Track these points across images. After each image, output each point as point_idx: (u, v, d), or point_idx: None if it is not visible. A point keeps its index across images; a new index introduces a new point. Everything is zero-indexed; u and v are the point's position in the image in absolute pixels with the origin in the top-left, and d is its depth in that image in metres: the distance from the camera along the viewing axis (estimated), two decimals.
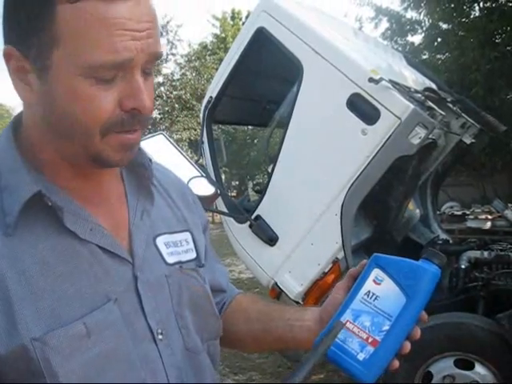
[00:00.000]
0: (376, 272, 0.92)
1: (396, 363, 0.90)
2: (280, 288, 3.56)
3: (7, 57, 0.78)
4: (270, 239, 3.57)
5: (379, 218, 3.88)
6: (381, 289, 0.90)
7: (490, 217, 5.81)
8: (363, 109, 3.14)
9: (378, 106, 3.09)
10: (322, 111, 3.37)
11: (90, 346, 0.78)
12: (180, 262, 0.97)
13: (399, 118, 3.03)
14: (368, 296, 0.91)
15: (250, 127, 17.05)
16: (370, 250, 3.76)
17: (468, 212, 11.40)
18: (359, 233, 3.69)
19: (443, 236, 4.73)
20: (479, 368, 3.17)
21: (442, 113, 3.48)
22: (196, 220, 1.09)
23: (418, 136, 3.03)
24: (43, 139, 0.84)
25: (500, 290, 3.61)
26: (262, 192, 3.79)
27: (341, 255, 3.36)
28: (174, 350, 0.89)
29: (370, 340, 0.87)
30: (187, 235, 1.03)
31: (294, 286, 3.50)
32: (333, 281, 3.42)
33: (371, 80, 3.05)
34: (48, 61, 0.76)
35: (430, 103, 3.43)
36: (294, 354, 3.69)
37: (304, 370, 0.81)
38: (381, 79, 3.04)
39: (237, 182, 20.45)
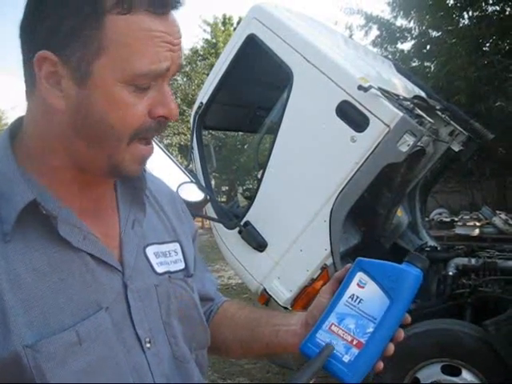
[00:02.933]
0: (360, 275, 0.94)
1: (380, 365, 0.92)
2: (269, 294, 3.56)
3: (40, 61, 0.78)
4: (259, 245, 3.58)
5: (368, 224, 3.90)
6: (364, 292, 0.92)
7: (478, 224, 5.85)
8: (352, 116, 3.16)
9: (367, 114, 3.11)
10: (311, 118, 3.39)
11: (82, 354, 0.79)
12: (169, 272, 0.98)
13: (388, 126, 3.06)
14: (352, 299, 0.93)
15: (239, 133, 17.09)
16: (358, 256, 3.77)
17: (456, 219, 11.47)
18: (348, 239, 3.70)
19: (431, 243, 4.76)
20: (466, 374, 3.19)
21: (431, 120, 3.51)
22: (185, 229, 1.10)
23: (406, 143, 3.06)
24: (56, 148, 0.85)
25: (487, 297, 3.64)
26: (251, 198, 3.80)
27: (329, 261, 3.37)
28: (162, 358, 0.90)
29: (354, 342, 0.89)
30: (176, 246, 1.04)
31: (283, 292, 3.51)
32: (321, 287, 3.42)
33: (360, 88, 3.07)
34: (90, 68, 0.78)
35: (419, 111, 3.45)
36: (282, 360, 3.70)
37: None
38: (370, 87, 3.06)
39: (226, 188, 20.45)
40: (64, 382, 0.76)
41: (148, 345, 0.88)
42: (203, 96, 4.04)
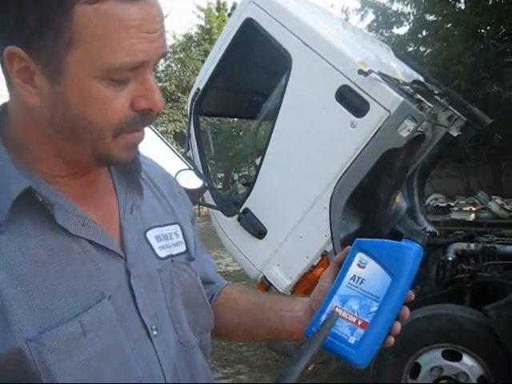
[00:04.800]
0: (360, 256, 0.93)
1: (391, 340, 0.91)
2: (269, 281, 3.55)
3: (10, 57, 0.74)
4: (259, 232, 3.56)
5: (367, 210, 3.89)
6: (366, 272, 0.91)
7: (474, 209, 5.86)
8: (352, 101, 3.14)
9: (367, 99, 3.08)
10: (310, 104, 3.36)
11: (87, 345, 0.76)
12: (171, 256, 0.96)
13: (388, 111, 3.03)
14: (354, 280, 0.92)
15: (235, 119, 17.03)
16: None
17: (452, 204, 11.51)
18: (347, 225, 3.69)
19: (430, 228, 4.75)
20: (467, 359, 3.20)
21: (431, 105, 3.48)
22: (183, 211, 1.07)
23: (406, 129, 3.03)
24: (40, 140, 0.82)
25: (487, 282, 3.64)
26: (250, 185, 3.78)
27: (329, 248, 3.36)
28: (169, 345, 0.88)
29: (359, 323, 0.88)
30: (176, 228, 1.01)
31: (283, 280, 3.50)
32: (322, 274, 3.41)
33: (360, 72, 3.04)
34: (62, 63, 0.73)
35: (419, 96, 3.42)
36: (281, 347, 3.69)
37: (301, 363, 0.81)
38: (370, 71, 3.03)
39: (222, 175, 20.43)
40: (69, 373, 0.73)
41: (155, 332, 0.86)
42: (200, 82, 3.99)
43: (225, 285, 1.22)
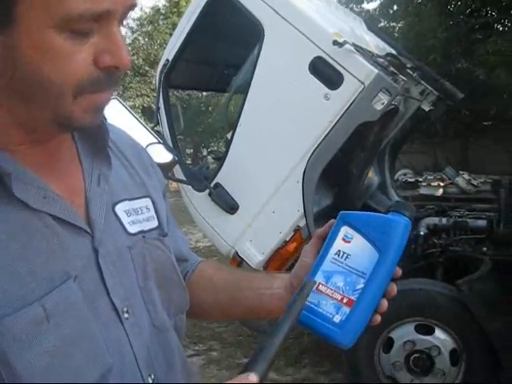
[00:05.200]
0: (345, 230, 0.87)
1: (378, 318, 0.85)
2: (241, 257, 3.51)
3: None
4: (230, 207, 3.50)
5: (340, 185, 3.85)
6: (351, 247, 0.85)
7: (442, 184, 5.91)
8: (326, 73, 3.07)
9: (342, 71, 3.02)
10: (283, 75, 3.28)
11: (51, 332, 0.68)
12: (142, 232, 0.88)
13: (363, 83, 2.98)
14: (339, 256, 0.86)
15: (204, 94, 16.82)
16: (331, 217, 3.73)
17: (421, 179, 11.66)
18: (320, 200, 3.65)
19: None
20: (439, 333, 3.21)
21: (404, 78, 3.44)
22: (155, 184, 0.99)
23: (381, 102, 3.00)
24: None
25: (458, 256, 3.66)
26: (220, 159, 3.70)
27: (302, 223, 3.33)
28: (142, 328, 0.81)
29: (344, 300, 0.83)
30: (148, 201, 0.93)
31: (255, 255, 3.46)
32: (294, 249, 3.39)
33: (335, 43, 2.98)
34: (12, 12, 0.63)
35: (393, 69, 3.38)
36: (254, 324, 3.66)
37: (279, 336, 0.73)
38: (345, 42, 2.97)
39: (191, 150, 20.24)
40: (33, 364, 0.65)
41: (126, 315, 0.79)
42: (169, 53, 3.87)
43: (199, 262, 1.14)
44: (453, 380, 3.08)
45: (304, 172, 3.20)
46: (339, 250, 0.86)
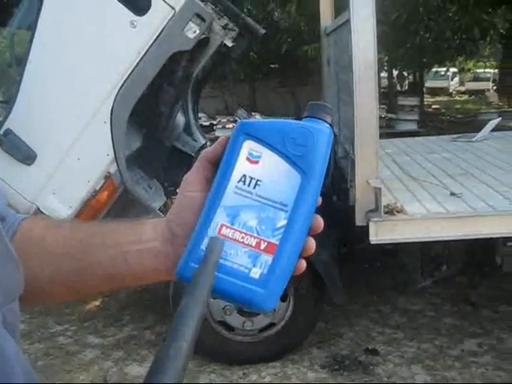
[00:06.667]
0: (248, 145, 0.61)
1: (303, 264, 0.60)
2: (44, 214, 3.07)
3: None
4: (26, 157, 3.04)
5: (149, 125, 3.55)
6: (261, 169, 0.60)
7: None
8: None
9: None
10: (80, 1, 2.85)
11: None
12: None
13: (173, 8, 2.71)
14: (244, 183, 0.60)
15: None
16: (140, 161, 3.46)
17: (215, 122, 11.77)
18: (129, 143, 3.32)
19: (210, 144, 4.63)
20: None
21: (213, 6, 3.23)
22: None
23: (192, 30, 2.76)
24: None
25: None
26: (9, 102, 3.15)
27: (113, 169, 3.04)
28: None
29: (262, 246, 0.58)
30: None
31: (62, 209, 3.07)
32: (107, 198, 3.07)
33: None
34: None
35: None
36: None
37: (188, 331, 0.48)
38: None
39: None
40: None
41: None
42: None
43: (22, 219, 0.79)
44: (283, 315, 3.07)
45: (112, 111, 2.88)
46: (244, 176, 0.58)
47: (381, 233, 2.63)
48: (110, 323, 3.65)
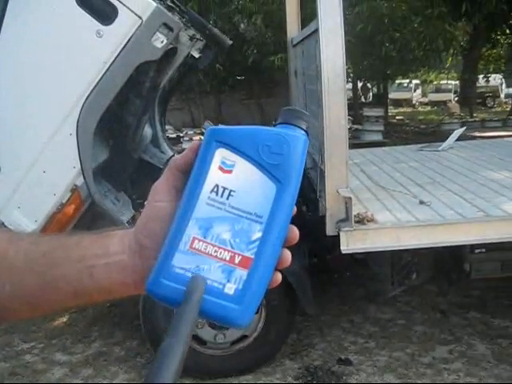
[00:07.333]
0: (221, 154, 0.58)
1: (279, 277, 0.58)
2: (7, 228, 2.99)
3: None
4: None
5: (116, 136, 3.50)
6: (234, 178, 0.58)
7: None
8: (98, 6, 2.72)
9: (115, 3, 2.68)
10: (46, 11, 2.80)
11: None
12: None
13: (140, 18, 2.68)
14: (217, 194, 0.57)
15: None
16: (108, 173, 3.40)
17: (182, 134, 11.73)
18: (96, 155, 3.27)
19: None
20: None
21: (182, 15, 3.21)
22: None
23: (160, 40, 2.73)
24: None
25: None
26: None
27: (80, 181, 2.99)
28: None
29: (237, 260, 0.55)
30: None
31: (27, 224, 3.00)
32: (74, 212, 3.00)
33: None
34: None
35: (171, 3, 3.12)
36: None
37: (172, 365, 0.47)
38: None
39: None
40: None
41: None
42: None
43: None
44: (255, 327, 3.04)
45: (77, 122, 2.82)
46: (217, 186, 0.55)
47: (352, 242, 2.63)
48: (78, 340, 3.56)
